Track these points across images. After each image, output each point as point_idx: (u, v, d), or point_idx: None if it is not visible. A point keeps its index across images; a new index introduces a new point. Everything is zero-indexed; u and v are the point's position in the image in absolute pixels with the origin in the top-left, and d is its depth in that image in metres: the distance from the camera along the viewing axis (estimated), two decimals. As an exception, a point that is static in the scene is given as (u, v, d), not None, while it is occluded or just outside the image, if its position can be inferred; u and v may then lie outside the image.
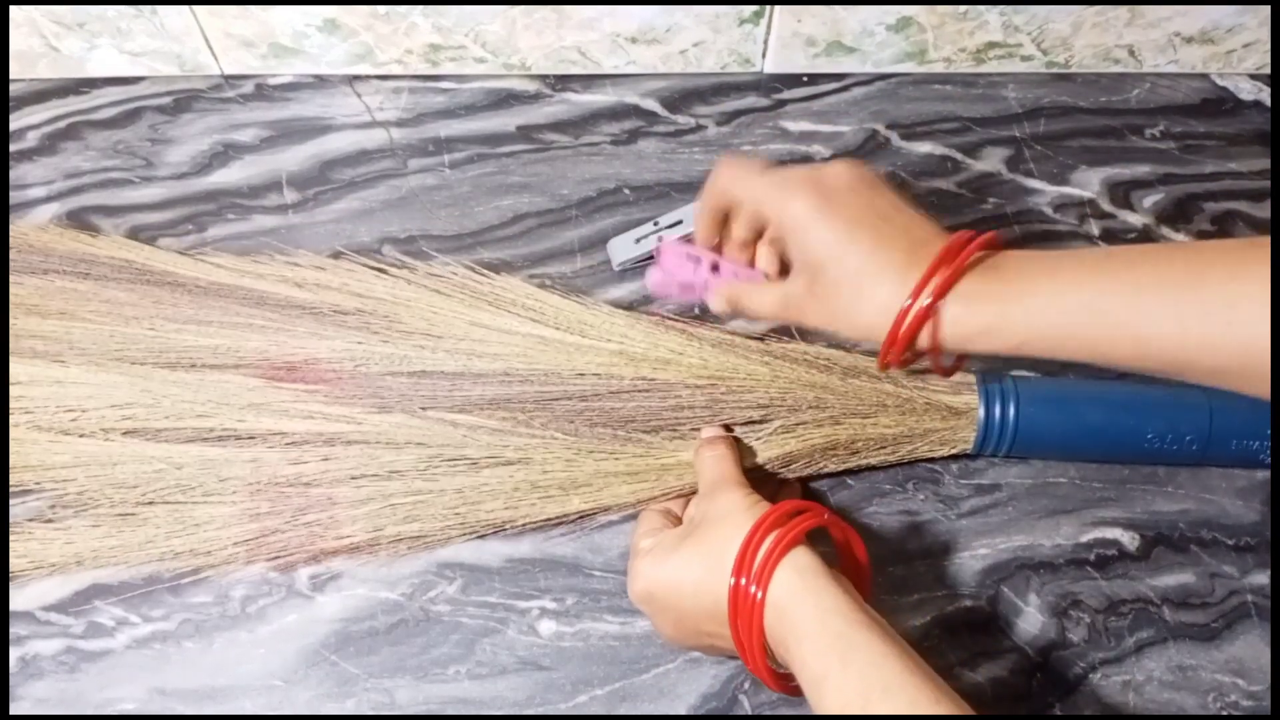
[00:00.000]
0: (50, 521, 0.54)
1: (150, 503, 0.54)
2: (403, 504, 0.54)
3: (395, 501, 0.54)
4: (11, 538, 0.54)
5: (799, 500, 0.47)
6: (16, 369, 0.57)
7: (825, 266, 0.46)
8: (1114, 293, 0.42)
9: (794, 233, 0.46)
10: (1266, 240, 0.39)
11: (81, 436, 0.56)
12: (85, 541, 0.53)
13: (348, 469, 0.54)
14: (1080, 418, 0.55)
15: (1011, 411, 0.54)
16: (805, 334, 0.58)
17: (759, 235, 0.51)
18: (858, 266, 0.45)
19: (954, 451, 0.56)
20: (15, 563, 0.53)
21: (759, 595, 0.43)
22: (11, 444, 0.55)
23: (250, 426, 0.56)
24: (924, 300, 0.43)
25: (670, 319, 0.59)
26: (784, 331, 0.58)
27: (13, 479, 0.55)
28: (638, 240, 0.63)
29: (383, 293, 0.60)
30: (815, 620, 0.41)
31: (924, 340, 0.44)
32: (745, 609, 0.43)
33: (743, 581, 0.43)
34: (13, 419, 0.56)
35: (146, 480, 0.54)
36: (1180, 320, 0.40)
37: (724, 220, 0.51)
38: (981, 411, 0.55)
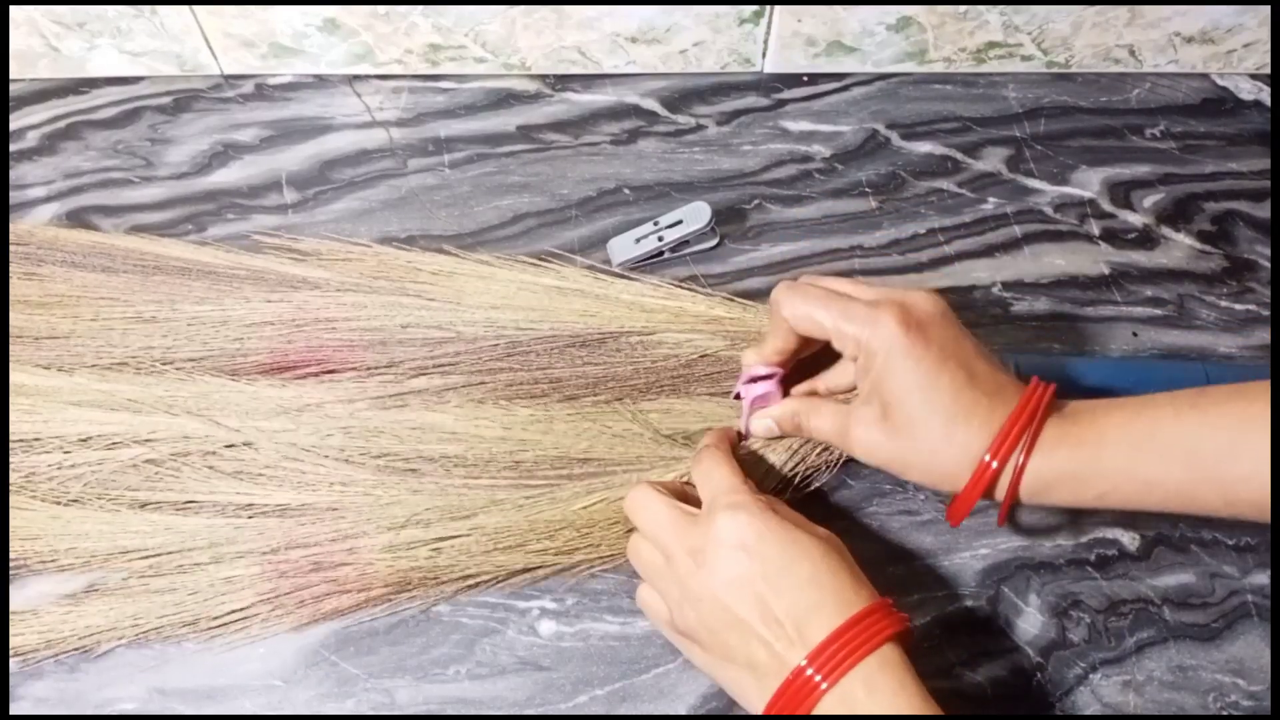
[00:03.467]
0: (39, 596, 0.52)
1: (157, 572, 0.53)
2: (426, 553, 0.53)
3: (419, 553, 0.53)
4: (21, 617, 0.52)
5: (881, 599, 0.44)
6: (25, 378, 0.56)
7: (905, 401, 0.45)
8: (1213, 426, 0.41)
9: (879, 356, 0.45)
10: None
11: (84, 506, 0.54)
12: (100, 615, 0.51)
13: (365, 524, 0.53)
14: (1078, 382, 0.55)
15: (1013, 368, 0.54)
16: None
17: (794, 353, 0.51)
18: (943, 407, 0.44)
19: None
20: (27, 639, 0.51)
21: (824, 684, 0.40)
22: (18, 514, 0.53)
23: (263, 437, 0.55)
24: (1017, 457, 0.43)
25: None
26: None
27: (20, 550, 0.53)
28: (638, 240, 0.63)
29: (399, 268, 0.61)
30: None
31: (999, 492, 0.45)
32: (801, 689, 0.41)
33: (809, 671, 0.40)
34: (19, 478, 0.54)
35: (156, 549, 0.53)
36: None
37: (793, 341, 0.50)
38: None
